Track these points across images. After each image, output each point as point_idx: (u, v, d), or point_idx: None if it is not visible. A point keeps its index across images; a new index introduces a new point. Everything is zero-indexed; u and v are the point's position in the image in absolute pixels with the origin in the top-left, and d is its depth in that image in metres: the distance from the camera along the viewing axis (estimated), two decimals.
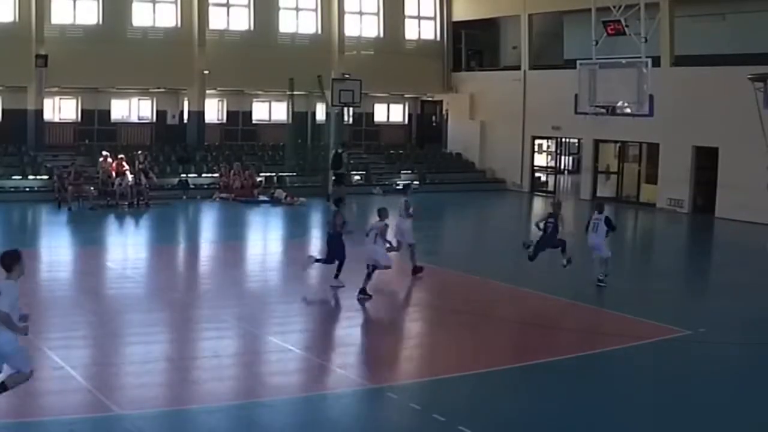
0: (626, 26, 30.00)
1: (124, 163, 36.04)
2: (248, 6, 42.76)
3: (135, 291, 20.70)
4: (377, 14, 46.40)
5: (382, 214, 20.16)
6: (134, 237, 30.48)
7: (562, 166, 46.85)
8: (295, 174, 41.46)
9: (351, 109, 42.53)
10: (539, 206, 42.39)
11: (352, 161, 42.88)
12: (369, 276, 19.31)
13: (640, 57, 29.38)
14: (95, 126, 41.16)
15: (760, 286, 23.02)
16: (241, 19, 42.74)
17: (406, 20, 47.36)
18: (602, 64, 30.63)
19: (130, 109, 42.61)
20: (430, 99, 50.04)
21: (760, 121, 26.32)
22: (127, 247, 28.28)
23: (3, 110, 38.86)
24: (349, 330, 18.13)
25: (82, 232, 29.93)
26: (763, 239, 27.04)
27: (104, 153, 36.66)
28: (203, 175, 39.74)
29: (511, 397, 13.93)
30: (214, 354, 15.60)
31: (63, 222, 31.35)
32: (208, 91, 42.20)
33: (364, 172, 43.53)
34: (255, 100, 45.26)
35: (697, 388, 14.39)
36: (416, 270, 21.99)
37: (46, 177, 36.31)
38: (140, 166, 36.03)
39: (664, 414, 12.98)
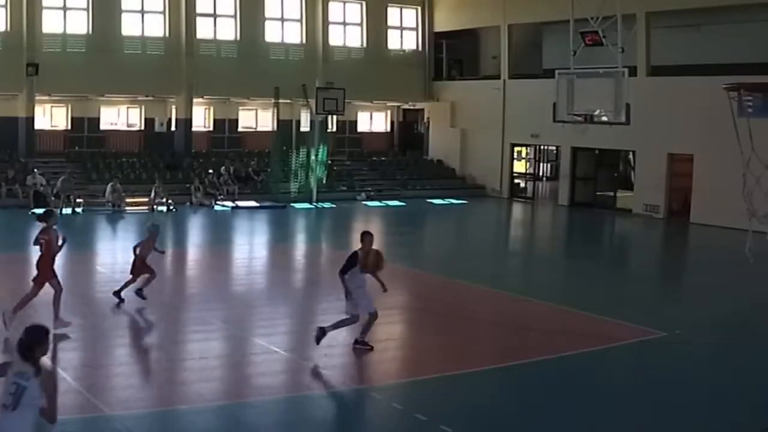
0: (604, 37, 29.98)
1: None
2: (235, 16, 43.31)
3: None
4: (360, 25, 46.96)
5: None
6: (122, 242, 30.88)
7: (541, 173, 47.64)
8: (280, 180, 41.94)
9: (335, 117, 43.03)
10: (518, 212, 43.13)
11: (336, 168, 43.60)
12: None
13: (617, 67, 29.54)
14: (85, 133, 41.68)
15: (733, 288, 23.30)
16: (227, 29, 43.27)
17: (389, 31, 47.94)
18: (580, 74, 30.74)
19: (119, 116, 43.21)
20: (412, 107, 50.49)
21: (734, 130, 26.83)
22: (116, 251, 28.62)
23: None
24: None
25: (71, 236, 30.41)
26: (739, 243, 27.59)
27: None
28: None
29: (491, 397, 14.08)
30: (201, 356, 15.73)
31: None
32: (195, 100, 42.67)
33: (347, 179, 44.17)
34: (241, 108, 45.76)
35: (672, 388, 14.49)
36: None
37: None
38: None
39: (640, 414, 13.18)
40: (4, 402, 8.37)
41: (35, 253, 17.05)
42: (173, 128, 43.07)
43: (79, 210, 34.92)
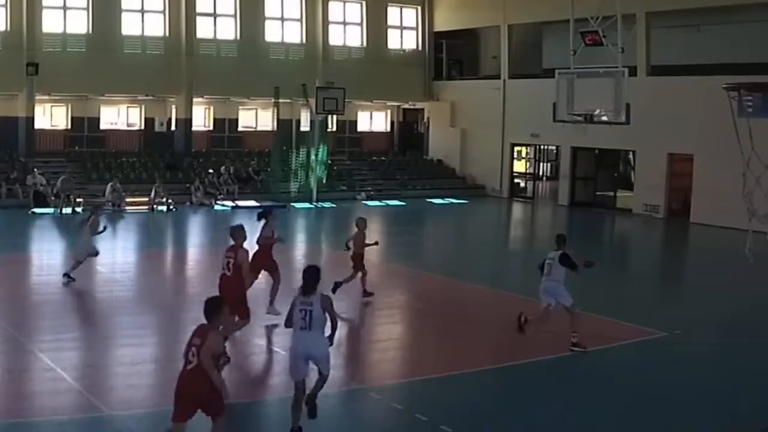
0: (604, 37, 30.06)
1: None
2: (235, 16, 43.41)
3: (124, 294, 20.95)
4: (360, 24, 47.10)
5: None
6: (122, 241, 30.99)
7: (541, 173, 47.68)
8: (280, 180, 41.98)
9: (335, 116, 43.07)
10: (518, 212, 43.18)
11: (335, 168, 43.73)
12: None
13: (617, 66, 29.62)
14: (85, 133, 41.77)
15: (733, 288, 23.40)
16: (227, 29, 43.38)
17: (389, 30, 48.08)
18: (580, 74, 30.81)
19: (119, 116, 43.29)
20: (412, 107, 50.62)
21: (734, 130, 26.85)
22: (116, 251, 28.71)
23: None
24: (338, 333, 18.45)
25: (71, 236, 30.56)
26: (738, 243, 27.63)
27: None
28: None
29: (492, 396, 14.20)
30: None
31: (54, 227, 32.00)
32: (195, 99, 42.77)
33: (347, 179, 44.26)
34: (241, 108, 45.87)
35: (672, 387, 14.58)
36: None
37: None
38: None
39: (641, 414, 13.26)
40: (301, 325, 11.78)
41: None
42: (173, 128, 43.15)
43: (79, 210, 34.88)
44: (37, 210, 34.36)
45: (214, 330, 10.60)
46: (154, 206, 36.12)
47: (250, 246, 16.67)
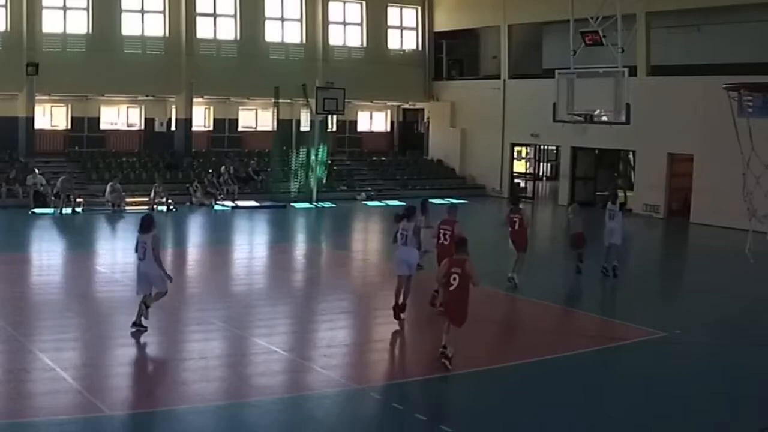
0: (604, 37, 30.11)
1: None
2: (235, 16, 43.44)
3: (124, 294, 20.69)
4: (360, 25, 47.14)
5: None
6: (122, 241, 30.96)
7: (541, 173, 47.65)
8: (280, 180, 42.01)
9: (335, 116, 43.08)
10: None
11: (334, 168, 43.70)
12: None
13: (617, 66, 29.63)
14: (85, 133, 41.76)
15: (733, 288, 23.42)
16: (227, 29, 43.41)
17: (389, 30, 48.14)
18: (580, 74, 30.84)
19: (119, 116, 43.31)
20: (412, 107, 50.66)
21: (734, 130, 26.86)
22: (116, 251, 28.70)
23: None
24: (333, 332, 18.22)
25: (71, 236, 30.58)
26: (738, 243, 27.63)
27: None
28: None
29: (492, 397, 14.17)
30: (201, 356, 15.81)
31: (54, 227, 31.98)
32: (195, 99, 42.77)
33: (347, 179, 44.24)
34: (241, 108, 45.87)
35: (672, 388, 14.59)
36: None
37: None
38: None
39: (640, 414, 13.27)
40: (402, 243, 17.53)
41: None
42: (173, 128, 43.13)
43: (79, 210, 34.91)
44: (37, 210, 34.36)
45: (469, 259, 14.81)
46: (154, 206, 36.07)
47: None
